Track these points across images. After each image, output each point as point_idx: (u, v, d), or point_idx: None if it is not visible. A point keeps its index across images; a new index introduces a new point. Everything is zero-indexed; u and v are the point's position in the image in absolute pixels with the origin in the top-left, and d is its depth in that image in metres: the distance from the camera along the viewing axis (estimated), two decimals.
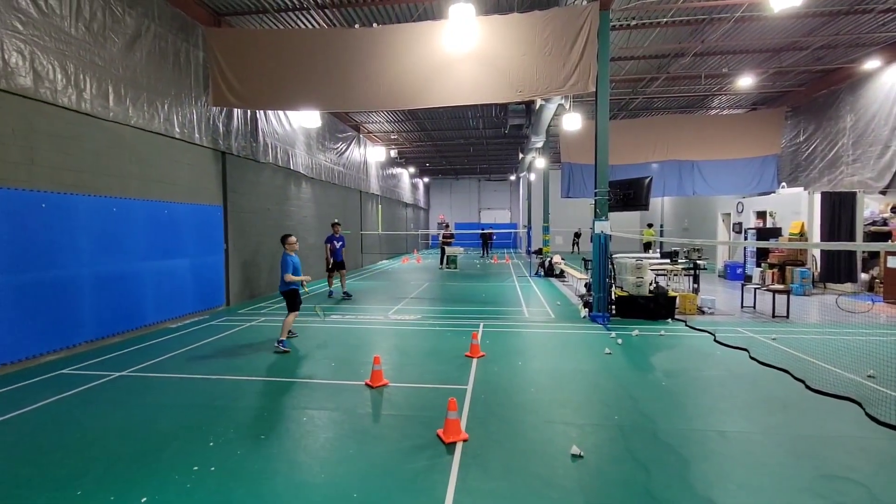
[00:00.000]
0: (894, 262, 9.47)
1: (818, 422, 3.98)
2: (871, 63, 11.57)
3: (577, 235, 28.66)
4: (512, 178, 36.08)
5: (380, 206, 22.94)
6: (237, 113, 10.15)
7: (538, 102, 13.14)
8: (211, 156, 9.42)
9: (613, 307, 8.44)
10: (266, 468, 3.28)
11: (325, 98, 8.91)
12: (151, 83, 7.68)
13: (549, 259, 15.87)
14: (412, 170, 30.55)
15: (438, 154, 27.02)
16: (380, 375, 4.97)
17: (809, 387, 4.55)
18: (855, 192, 11.26)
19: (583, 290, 10.38)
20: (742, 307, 9.34)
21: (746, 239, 13.43)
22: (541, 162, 19.86)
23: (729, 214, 16.23)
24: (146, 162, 7.66)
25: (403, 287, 13.31)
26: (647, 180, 9.22)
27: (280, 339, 6.38)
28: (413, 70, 8.47)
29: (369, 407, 4.43)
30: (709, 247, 16.76)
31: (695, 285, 10.12)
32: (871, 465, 3.26)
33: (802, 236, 11.62)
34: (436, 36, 8.30)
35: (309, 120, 12.69)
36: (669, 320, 8.10)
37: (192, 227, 8.76)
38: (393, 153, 24.31)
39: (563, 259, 16.44)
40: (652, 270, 9.03)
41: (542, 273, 15.57)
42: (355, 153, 18.67)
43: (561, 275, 14.86)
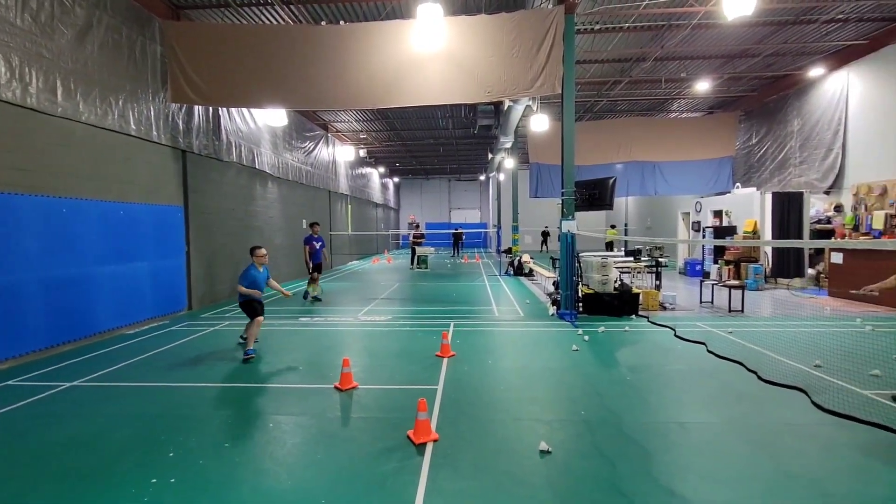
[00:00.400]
0: (837, 258, 10.11)
1: (771, 411, 4.19)
2: (816, 71, 12.30)
3: (546, 234, 29.18)
4: (482, 178, 36.36)
5: (349, 206, 22.65)
6: (198, 110, 9.80)
7: (506, 103, 13.29)
8: (170, 154, 9.06)
9: (580, 305, 8.64)
10: (230, 477, 3.18)
11: (291, 96, 8.72)
12: (104, 78, 7.31)
13: (519, 258, 16.09)
14: (382, 169, 30.31)
15: (408, 154, 26.92)
16: (349, 378, 4.91)
17: (762, 378, 4.80)
18: (802, 193, 11.96)
19: (551, 289, 10.58)
20: (701, 302, 9.75)
21: (704, 237, 14.02)
22: (510, 162, 20.12)
23: (688, 214, 16.90)
24: (99, 160, 7.28)
25: (374, 288, 13.20)
26: (612, 181, 9.48)
27: (247, 349, 6.08)
28: (381, 69, 8.41)
29: (338, 410, 4.37)
30: (670, 245, 17.41)
31: (657, 282, 10.49)
32: (819, 451, 3.46)
33: (755, 234, 12.23)
34: (404, 35, 8.26)
35: (275, 118, 12.40)
36: (633, 316, 8.36)
37: (151, 229, 8.40)
38: (362, 153, 24.05)
39: (533, 258, 16.71)
40: (617, 268, 9.29)
41: (512, 272, 15.77)
42: (323, 152, 18.37)
43: (530, 273, 15.09)
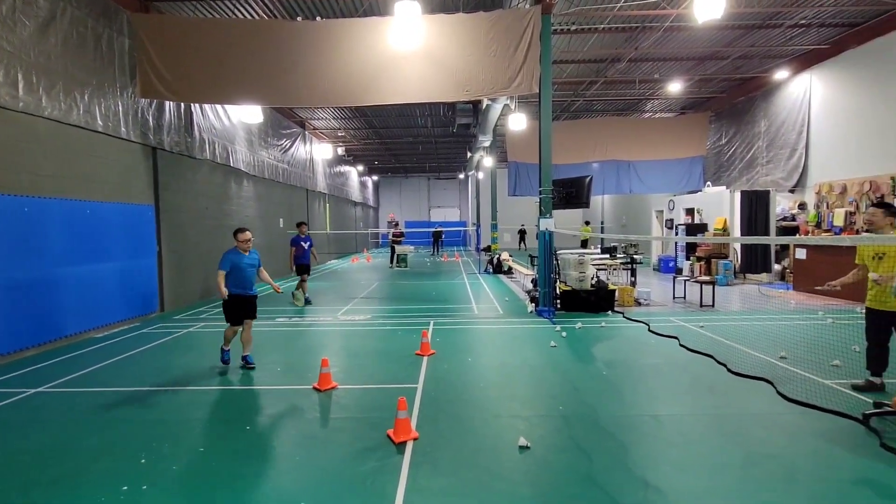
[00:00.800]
0: (801, 254, 10.53)
1: (739, 401, 4.35)
2: (781, 73, 12.77)
3: (523, 233, 29.54)
4: (461, 177, 36.44)
5: (327, 205, 22.39)
6: (169, 106, 9.52)
7: (485, 102, 13.36)
8: (140, 151, 8.77)
9: (558, 301, 8.77)
10: (205, 483, 3.12)
11: (266, 93, 8.56)
12: (69, 71, 7.02)
13: (498, 256, 16.21)
14: (361, 168, 30.04)
15: (387, 152, 26.76)
16: (328, 378, 4.87)
17: (731, 370, 4.98)
18: (769, 191, 12.41)
19: (529, 286, 10.70)
20: (674, 298, 10.02)
21: (677, 234, 14.41)
22: (489, 161, 20.23)
23: (662, 211, 17.33)
24: (64, 157, 7.00)
25: (353, 287, 13.10)
26: (588, 179, 9.65)
27: (244, 355, 5.55)
28: (359, 66, 8.33)
29: (317, 411, 4.33)
30: (644, 242, 17.84)
31: (632, 279, 10.73)
32: (785, 439, 3.61)
33: (725, 231, 12.64)
34: (382, 32, 8.21)
35: (250, 115, 12.15)
36: (609, 312, 8.53)
37: (120, 228, 8.13)
38: (340, 151, 23.80)
39: (511, 256, 16.85)
40: (593, 265, 9.46)
41: (491, 270, 15.88)
42: (300, 150, 18.09)
43: (509, 271, 15.22)
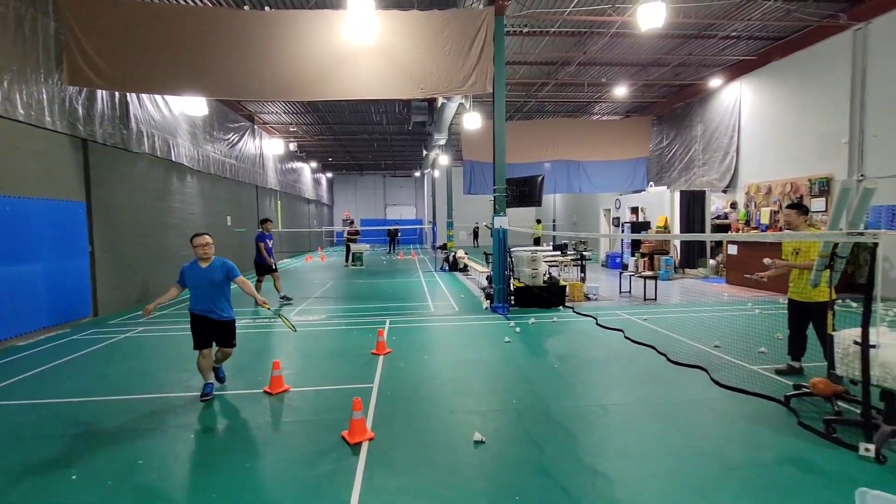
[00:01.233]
0: (733, 250, 11.36)
1: (679, 389, 4.64)
2: (715, 81, 13.68)
3: (476, 231, 30.09)
4: (417, 175, 36.34)
5: (279, 202, 21.64)
6: (102, 95, 8.85)
7: (440, 100, 13.40)
8: (68, 143, 8.11)
9: (512, 298, 8.97)
10: (145, 497, 2.94)
11: (211, 84, 8.14)
12: None
13: (454, 254, 16.33)
14: (314, 164, 29.26)
15: (342, 149, 26.22)
16: (280, 381, 4.73)
17: (670, 359, 5.30)
18: (704, 191, 13.29)
19: (485, 283, 10.87)
20: (620, 292, 10.51)
21: (623, 232, 15.11)
22: (444, 159, 20.30)
23: (609, 210, 18.12)
24: None
25: (307, 286, 12.75)
26: (540, 178, 9.93)
27: (206, 383, 4.64)
28: (310, 60, 8.11)
29: (268, 415, 4.19)
30: (593, 239, 18.58)
31: (582, 275, 11.14)
32: (718, 422, 3.90)
33: (666, 229, 13.40)
34: (334, 26, 8.03)
35: (193, 107, 11.49)
36: (561, 307, 8.83)
37: (46, 226, 7.47)
38: (292, 146, 23.06)
39: (467, 254, 17.04)
40: (545, 262, 9.74)
41: (447, 268, 15.98)
42: (249, 145, 17.37)
43: (465, 269, 15.38)
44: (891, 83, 9.17)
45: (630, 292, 10.40)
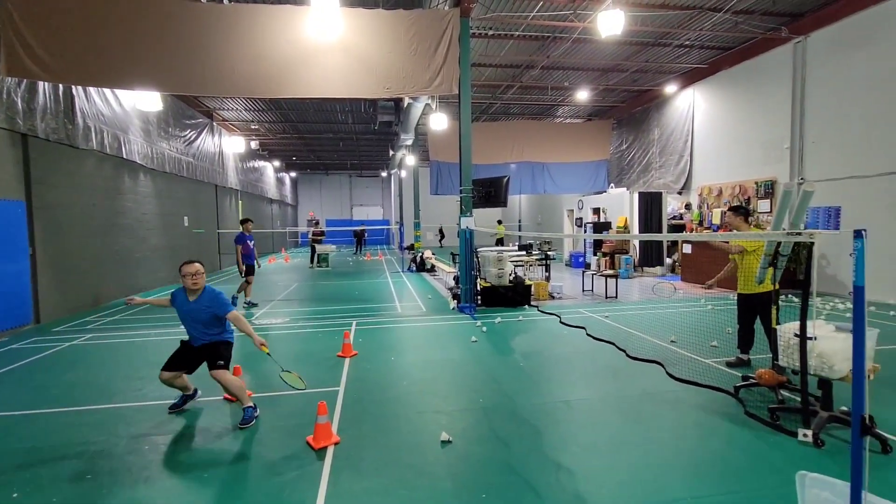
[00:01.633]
0: (688, 249, 11.91)
1: (637, 383, 4.82)
2: (671, 88, 14.29)
3: (441, 232, 30.32)
4: (384, 175, 36.08)
5: (240, 202, 20.96)
6: (44, 87, 8.31)
7: (406, 101, 13.37)
8: (6, 138, 7.57)
9: (479, 298, 9.06)
10: None
11: (166, 79, 7.80)
12: None
13: (421, 254, 16.32)
14: (277, 163, 28.53)
15: (306, 148, 25.68)
16: None
17: (629, 355, 5.50)
18: (661, 193, 13.85)
19: (452, 283, 10.92)
20: (583, 291, 10.81)
21: (586, 232, 15.54)
22: (411, 159, 20.25)
23: (573, 211, 18.60)
24: None
25: (270, 289, 12.40)
26: (506, 179, 10.07)
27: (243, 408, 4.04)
28: (272, 56, 7.91)
29: (228, 423, 4.06)
30: (557, 239, 19.02)
31: (546, 274, 11.39)
32: (673, 413, 4.08)
33: (626, 229, 13.88)
34: (298, 23, 7.87)
35: (146, 102, 10.97)
36: (526, 306, 8.99)
37: None
38: (254, 145, 22.40)
39: (434, 254, 17.06)
40: (511, 262, 9.89)
41: (415, 268, 15.95)
42: (208, 143, 16.73)
43: (432, 269, 15.40)
44: (827, 93, 9.87)
45: (592, 290, 10.71)
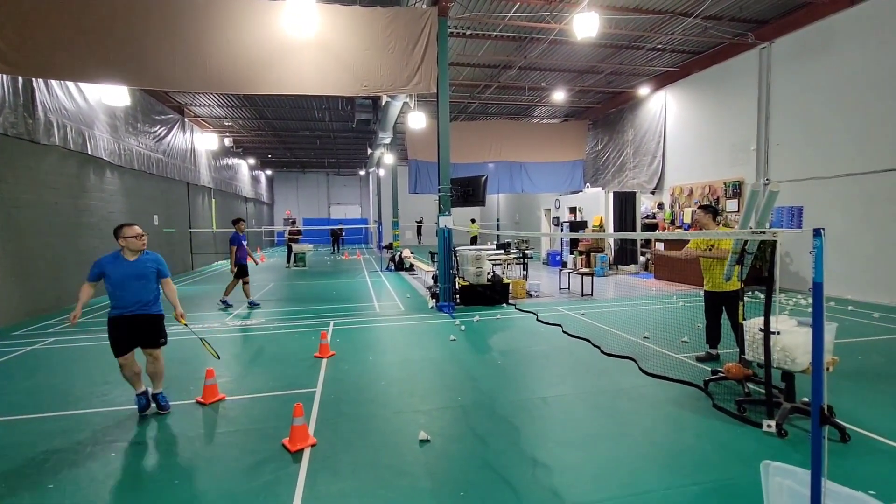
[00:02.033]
0: (661, 247, 12.21)
1: (612, 378, 4.92)
2: (644, 90, 14.62)
3: (420, 224, 30.18)
4: (362, 174, 35.74)
5: (213, 201, 20.43)
6: (2, 79, 7.92)
7: (384, 99, 13.27)
8: None
9: (458, 296, 9.08)
10: None
11: (134, 73, 7.55)
12: None
13: (400, 253, 16.25)
14: (252, 161, 27.92)
15: (282, 145, 25.21)
16: (214, 390, 4.48)
17: (604, 351, 5.61)
18: (635, 192, 14.17)
19: (431, 282, 10.91)
20: (560, 289, 10.97)
21: (562, 231, 15.77)
22: (389, 158, 20.12)
23: (550, 210, 18.83)
24: None
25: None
26: (484, 179, 10.13)
27: (154, 393, 4.17)
28: (246, 52, 7.75)
29: (201, 427, 3.96)
30: (534, 238, 19.23)
31: (524, 272, 11.50)
32: (646, 408, 4.18)
33: (601, 228, 14.15)
34: (273, 17, 7.73)
35: (113, 96, 10.54)
36: (504, 305, 9.06)
37: None
38: (227, 142, 21.86)
39: (413, 253, 17.02)
40: (489, 261, 9.96)
41: (393, 267, 15.87)
42: (179, 139, 16.25)
43: (411, 268, 15.35)
44: (790, 97, 10.28)
45: (569, 288, 10.87)
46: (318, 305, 9.64)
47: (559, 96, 15.16)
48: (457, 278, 9.25)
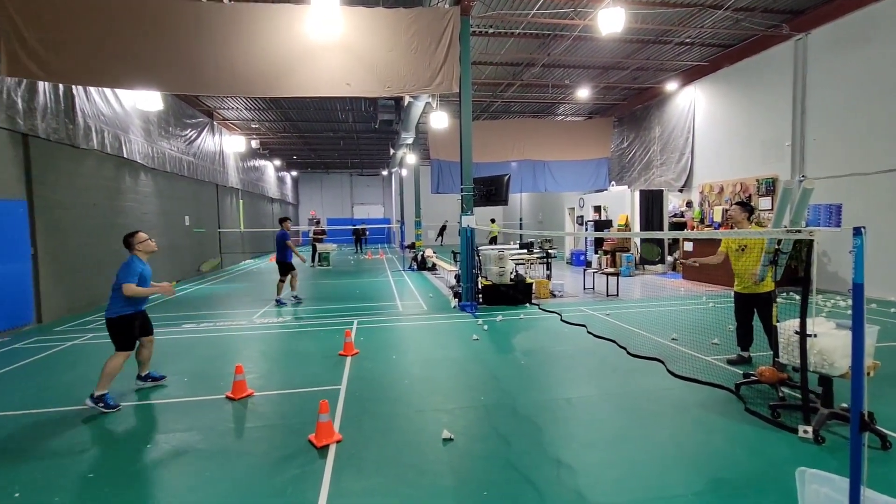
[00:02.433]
0: (689, 246, 11.89)
1: (637, 380, 4.83)
2: (671, 85, 14.26)
3: (443, 228, 30.14)
4: (384, 174, 36.06)
5: (241, 201, 20.99)
6: (44, 87, 8.32)
7: (406, 99, 13.37)
8: (7, 138, 7.59)
9: (480, 296, 9.06)
10: None
11: (166, 78, 7.81)
12: None
13: (422, 253, 16.33)
14: (278, 162, 28.53)
15: (307, 147, 25.68)
16: (243, 385, 4.61)
17: (630, 352, 5.51)
18: (662, 190, 13.83)
19: (453, 282, 10.93)
20: (584, 289, 10.82)
21: (587, 230, 15.53)
22: (412, 158, 20.24)
23: (574, 209, 18.58)
24: None
25: (270, 288, 12.39)
26: (507, 178, 10.07)
27: (96, 394, 4.28)
28: (272, 55, 7.92)
29: (231, 422, 4.08)
30: (558, 237, 19.01)
31: (548, 272, 11.39)
32: (673, 411, 4.09)
33: (627, 227, 13.87)
34: (297, 21, 7.87)
35: (147, 101, 10.97)
36: (527, 305, 9.00)
37: None
38: (255, 144, 22.39)
39: (435, 252, 17.08)
40: (512, 260, 9.90)
41: (416, 267, 15.95)
42: (209, 142, 16.75)
43: (433, 268, 15.41)
44: (828, 90, 9.84)
45: (594, 288, 10.71)
46: (342, 304, 9.78)
47: (583, 93, 14.94)
48: (479, 278, 9.23)
